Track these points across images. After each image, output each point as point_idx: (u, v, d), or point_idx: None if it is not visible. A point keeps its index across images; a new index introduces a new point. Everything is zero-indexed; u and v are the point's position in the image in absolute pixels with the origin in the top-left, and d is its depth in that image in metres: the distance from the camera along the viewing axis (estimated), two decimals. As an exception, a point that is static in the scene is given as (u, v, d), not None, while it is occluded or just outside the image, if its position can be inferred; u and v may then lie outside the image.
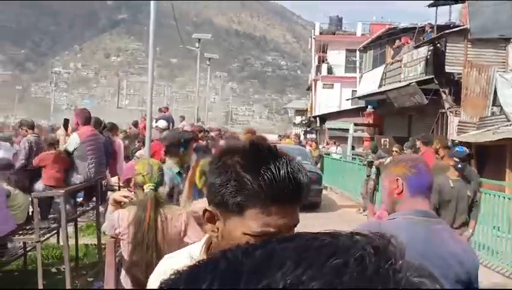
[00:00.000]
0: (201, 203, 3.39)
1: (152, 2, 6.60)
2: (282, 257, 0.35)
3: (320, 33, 33.68)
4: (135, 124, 16.08)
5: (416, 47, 14.12)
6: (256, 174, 0.95)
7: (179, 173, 3.77)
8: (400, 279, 0.34)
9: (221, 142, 11.07)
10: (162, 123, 10.59)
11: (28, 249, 5.99)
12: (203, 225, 3.16)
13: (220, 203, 0.99)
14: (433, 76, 12.30)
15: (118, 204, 2.88)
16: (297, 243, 0.37)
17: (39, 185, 5.74)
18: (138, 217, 2.63)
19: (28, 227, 5.44)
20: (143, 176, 2.78)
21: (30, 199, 5.34)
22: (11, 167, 6.15)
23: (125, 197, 2.91)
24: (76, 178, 5.84)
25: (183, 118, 14.93)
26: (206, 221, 1.05)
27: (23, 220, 5.49)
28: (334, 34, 33.15)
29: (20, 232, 5.36)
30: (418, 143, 8.03)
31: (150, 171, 2.81)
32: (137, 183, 2.82)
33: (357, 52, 24.30)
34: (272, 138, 24.61)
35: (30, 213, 5.47)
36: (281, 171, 0.94)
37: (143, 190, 2.77)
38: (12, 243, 5.94)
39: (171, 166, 3.76)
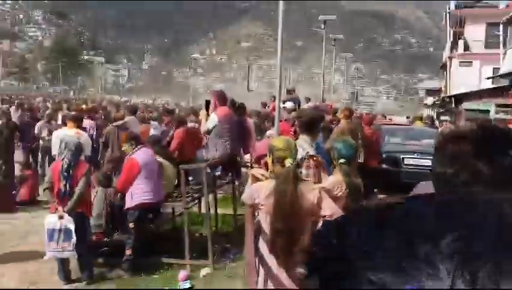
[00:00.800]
0: (333, 179, 3.56)
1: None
2: (419, 210, 0.40)
3: (457, 7, 30.74)
4: (264, 106, 16.75)
5: None
6: (493, 162, 0.86)
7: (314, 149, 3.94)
8: None
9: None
10: (290, 104, 10.89)
11: (175, 214, 6.81)
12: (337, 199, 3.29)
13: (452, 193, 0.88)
14: None
15: (256, 180, 3.15)
16: (435, 200, 0.43)
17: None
18: (280, 189, 2.82)
19: (175, 195, 6.19)
20: (284, 151, 2.96)
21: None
22: (160, 142, 7.01)
23: (261, 175, 3.16)
24: (215, 154, 6.30)
25: (308, 99, 15.09)
26: None
27: (171, 190, 6.23)
28: (473, 7, 29.98)
29: (170, 199, 6.12)
30: None
31: (289, 148, 3.00)
32: (277, 158, 2.99)
33: (501, 26, 21.74)
34: (400, 119, 23.51)
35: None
36: None
37: (282, 165, 2.96)
38: (163, 209, 6.82)
39: (308, 142, 3.94)
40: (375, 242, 0.39)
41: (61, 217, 4.70)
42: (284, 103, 10.37)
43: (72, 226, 4.70)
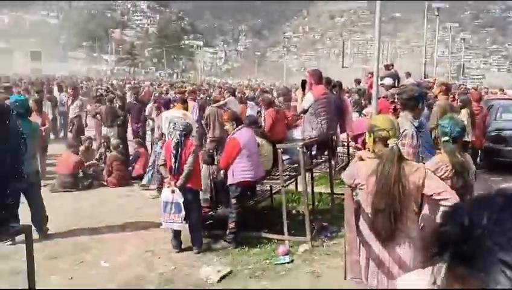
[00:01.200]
0: (436, 159, 3.43)
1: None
2: None
3: None
4: (358, 82, 16.32)
5: None
6: None
7: (416, 127, 3.82)
8: None
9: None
10: (388, 81, 10.47)
11: (273, 192, 7.03)
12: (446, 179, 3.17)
13: None
14: None
15: (362, 161, 3.14)
16: None
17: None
18: (384, 170, 2.80)
19: (273, 174, 6.38)
20: (387, 131, 2.91)
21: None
22: (257, 122, 7.23)
23: (368, 158, 3.14)
24: (311, 133, 6.34)
25: (409, 74, 14.38)
26: None
27: (268, 168, 6.42)
28: None
29: (268, 178, 6.32)
30: None
31: (393, 127, 2.93)
32: (379, 137, 2.95)
33: None
34: (514, 93, 21.33)
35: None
36: None
37: (384, 145, 2.91)
38: (261, 187, 7.09)
39: (410, 119, 3.83)
40: (506, 224, 0.40)
41: (173, 192, 5.15)
42: (382, 79, 10.02)
43: (181, 200, 5.13)
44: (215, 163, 6.33)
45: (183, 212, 5.17)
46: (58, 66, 67.36)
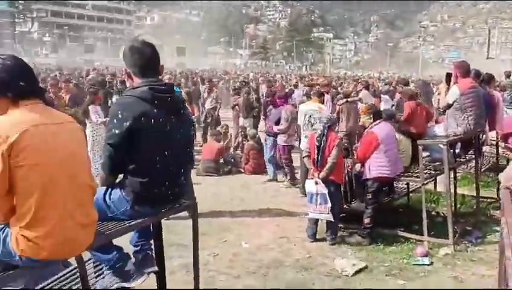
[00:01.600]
0: None
1: None
2: None
3: None
4: (508, 75, 14.64)
5: None
6: None
7: None
8: None
9: None
10: (550, 74, 9.27)
11: (410, 190, 6.75)
12: None
13: None
14: None
15: None
16: None
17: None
18: None
19: (411, 171, 6.13)
20: None
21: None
22: (394, 116, 6.99)
23: None
24: (456, 130, 5.93)
25: None
26: None
27: (406, 164, 6.18)
28: None
29: (406, 174, 6.09)
30: None
31: None
32: None
33: None
34: None
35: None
36: None
37: None
38: (397, 184, 6.85)
39: None
40: None
41: (316, 183, 5.29)
42: (541, 72, 8.91)
43: (325, 191, 5.23)
44: (350, 156, 6.31)
45: (330, 204, 5.24)
46: (200, 61, 72.90)
